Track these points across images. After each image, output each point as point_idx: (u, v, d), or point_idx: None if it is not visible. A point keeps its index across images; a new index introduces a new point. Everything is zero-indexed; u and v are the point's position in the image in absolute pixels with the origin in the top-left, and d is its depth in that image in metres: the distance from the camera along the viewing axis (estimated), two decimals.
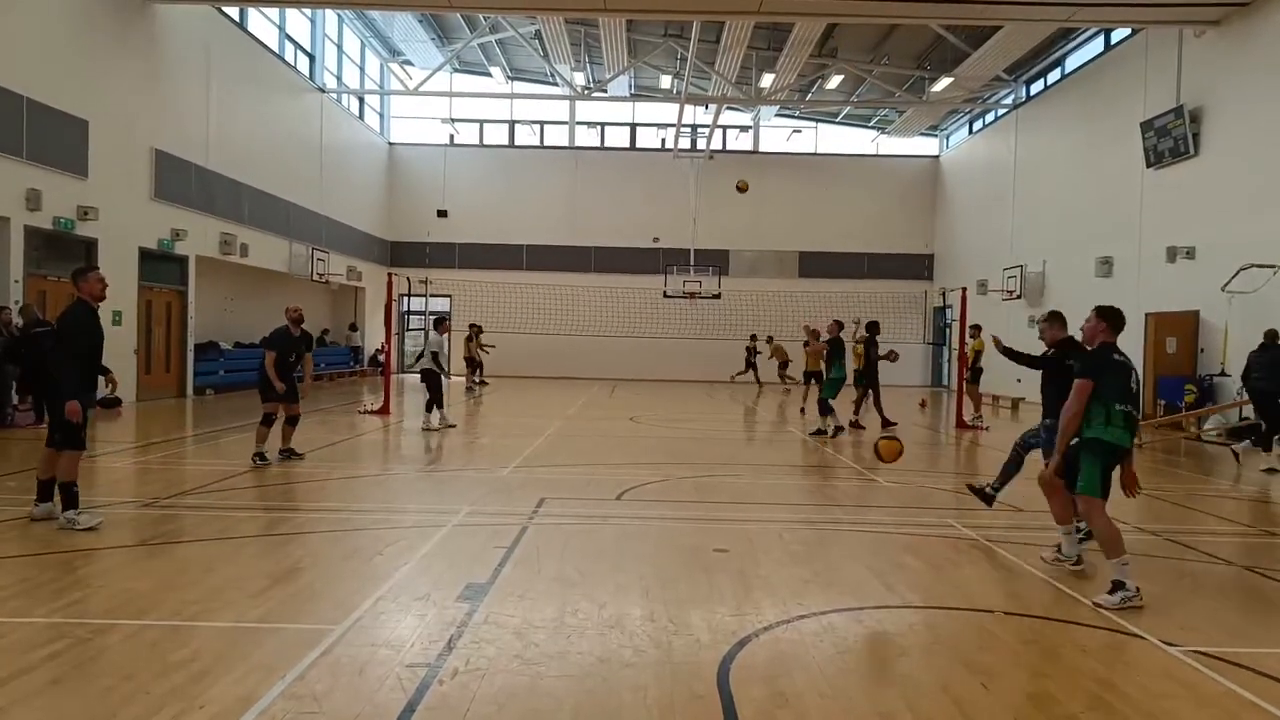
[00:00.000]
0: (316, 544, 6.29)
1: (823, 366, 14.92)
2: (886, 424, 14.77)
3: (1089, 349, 5.74)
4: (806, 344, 16.59)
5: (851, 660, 4.21)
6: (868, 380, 15.11)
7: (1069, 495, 5.75)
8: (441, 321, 14.31)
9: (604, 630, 4.52)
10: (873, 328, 15.18)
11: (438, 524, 6.85)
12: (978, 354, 16.49)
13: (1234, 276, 14.59)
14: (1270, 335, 11.99)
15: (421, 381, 13.96)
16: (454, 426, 13.84)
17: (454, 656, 4.07)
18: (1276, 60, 14.94)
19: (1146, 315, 18.08)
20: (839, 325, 14.67)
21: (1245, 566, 6.13)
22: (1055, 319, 6.96)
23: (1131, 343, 17.74)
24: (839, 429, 13.99)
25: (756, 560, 6.05)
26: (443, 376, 13.87)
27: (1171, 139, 17.42)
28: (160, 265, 17.36)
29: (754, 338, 27.57)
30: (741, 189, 17.42)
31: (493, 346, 24.75)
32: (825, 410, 13.97)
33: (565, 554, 6.08)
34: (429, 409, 13.66)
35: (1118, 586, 5.07)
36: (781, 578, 5.60)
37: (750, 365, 27.48)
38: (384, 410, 15.72)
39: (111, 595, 4.93)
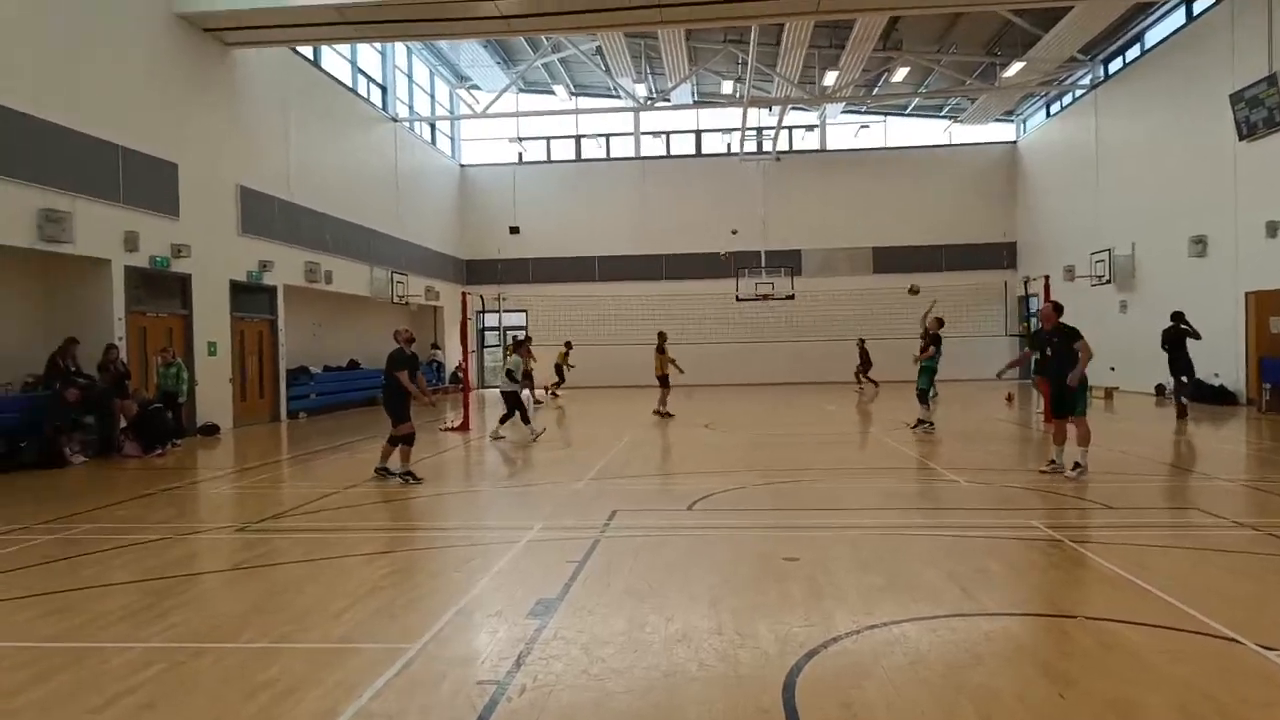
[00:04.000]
0: (397, 563, 6.49)
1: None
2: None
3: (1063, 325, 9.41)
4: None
5: (924, 671, 4.12)
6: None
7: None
8: (521, 344, 15.11)
9: (671, 644, 4.54)
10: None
11: (512, 540, 6.98)
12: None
13: None
14: None
15: (502, 398, 14.55)
16: (543, 431, 14.60)
17: (522, 673, 4.15)
18: None
19: (1246, 294, 17.21)
20: (939, 322, 14.80)
21: None
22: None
23: (1228, 323, 17.04)
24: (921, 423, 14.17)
25: (828, 568, 5.97)
26: (520, 392, 14.40)
27: (1265, 109, 16.51)
28: (250, 296, 18.19)
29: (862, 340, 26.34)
30: (914, 292, 17.55)
31: (573, 366, 25.18)
32: (923, 400, 14.41)
33: (634, 567, 6.13)
34: (502, 421, 14.53)
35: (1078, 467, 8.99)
36: (853, 585, 5.52)
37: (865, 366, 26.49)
38: (464, 426, 16.10)
39: (206, 619, 5.19)
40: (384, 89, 25.84)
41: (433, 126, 29.92)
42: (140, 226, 14.60)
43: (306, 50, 20.91)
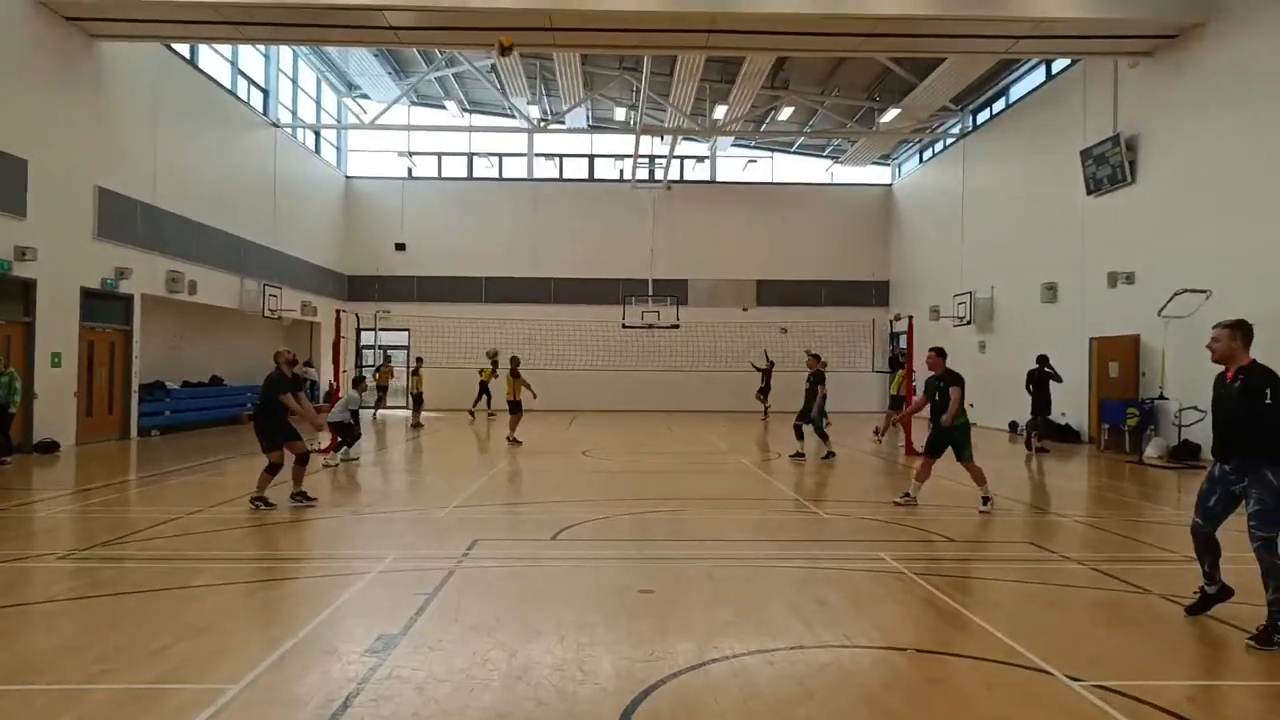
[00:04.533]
0: (232, 596, 6.16)
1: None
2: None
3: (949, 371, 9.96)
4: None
5: (756, 705, 4.18)
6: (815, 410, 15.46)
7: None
8: (360, 380, 15.44)
9: (510, 681, 4.45)
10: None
11: (363, 571, 6.74)
12: (901, 386, 18.39)
13: (1169, 301, 14.92)
14: None
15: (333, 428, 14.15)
16: (356, 460, 14.19)
17: (348, 716, 3.98)
18: (1205, 90, 15.43)
19: (1091, 340, 18.47)
20: (816, 359, 15.85)
21: (1162, 595, 6.19)
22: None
23: (1076, 367, 18.24)
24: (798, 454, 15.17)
25: (681, 600, 6.02)
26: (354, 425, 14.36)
27: (1110, 166, 17.87)
28: (104, 305, 17.06)
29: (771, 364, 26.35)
30: (504, 46, 16.02)
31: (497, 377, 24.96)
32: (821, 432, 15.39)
33: (487, 599, 6.01)
34: (338, 449, 14.02)
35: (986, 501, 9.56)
36: (702, 619, 5.57)
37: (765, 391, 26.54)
38: (330, 448, 15.47)
39: (7, 658, 4.76)
40: (265, 92, 24.91)
41: (317, 135, 29.02)
42: None
43: (183, 48, 19.95)
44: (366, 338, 28.11)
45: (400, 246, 30.79)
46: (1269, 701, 4.35)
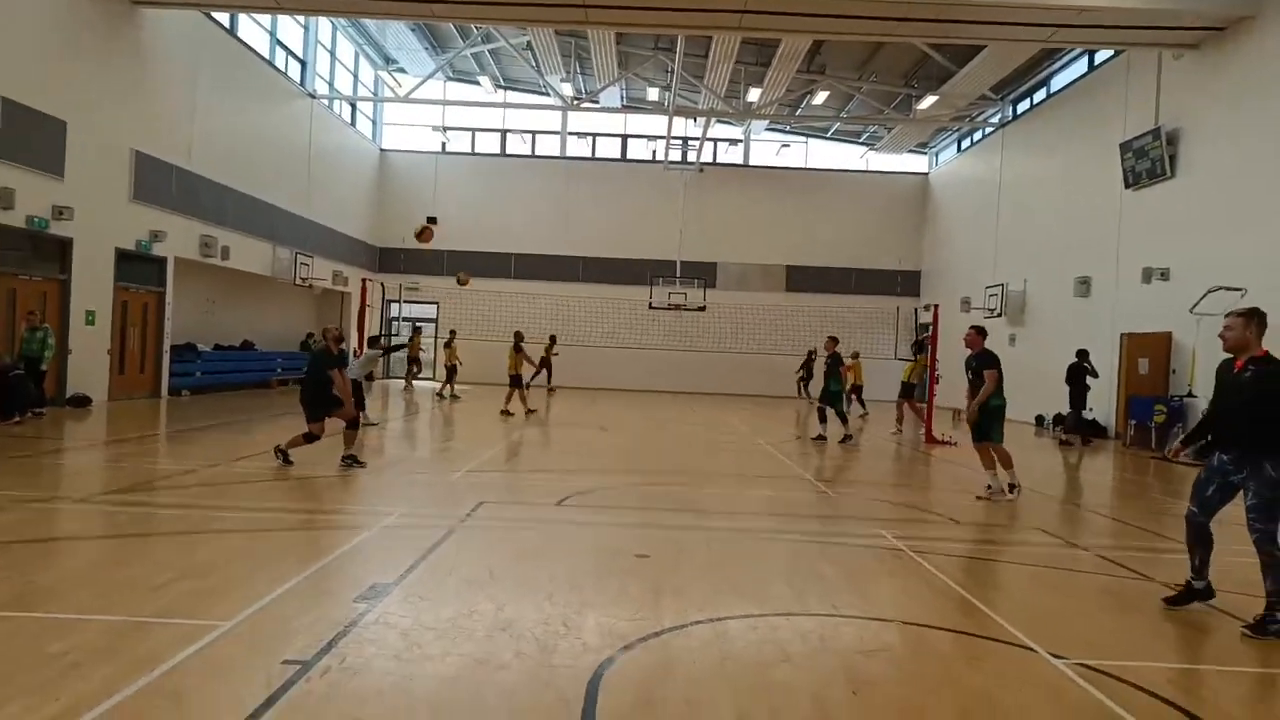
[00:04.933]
0: (240, 541, 6.30)
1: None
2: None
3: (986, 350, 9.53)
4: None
5: (733, 667, 4.21)
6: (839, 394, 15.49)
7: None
8: (376, 339, 15.72)
9: (493, 632, 4.52)
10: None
11: (367, 525, 6.86)
12: (921, 371, 17.97)
13: (1203, 298, 14.61)
14: None
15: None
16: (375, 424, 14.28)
17: (331, 655, 4.07)
18: (1250, 85, 15.01)
19: (1122, 335, 18.14)
20: (834, 341, 15.46)
21: (1164, 583, 6.11)
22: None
23: (1105, 362, 17.92)
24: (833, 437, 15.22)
25: (676, 566, 6.05)
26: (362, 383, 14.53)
27: (1149, 160, 17.47)
28: (138, 266, 17.42)
29: (812, 352, 26.45)
30: (462, 282, 17.91)
31: (557, 354, 25.63)
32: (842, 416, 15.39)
33: (483, 557, 6.09)
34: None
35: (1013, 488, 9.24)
36: (694, 584, 5.60)
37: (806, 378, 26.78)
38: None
39: (13, 587, 4.93)
40: (304, 64, 25.15)
41: (353, 107, 29.27)
42: (17, 184, 13.82)
43: (223, 17, 20.20)
44: (397, 310, 28.42)
45: (432, 220, 30.93)
46: (1250, 687, 4.29)
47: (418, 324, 28.59)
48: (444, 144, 31.99)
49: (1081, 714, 3.79)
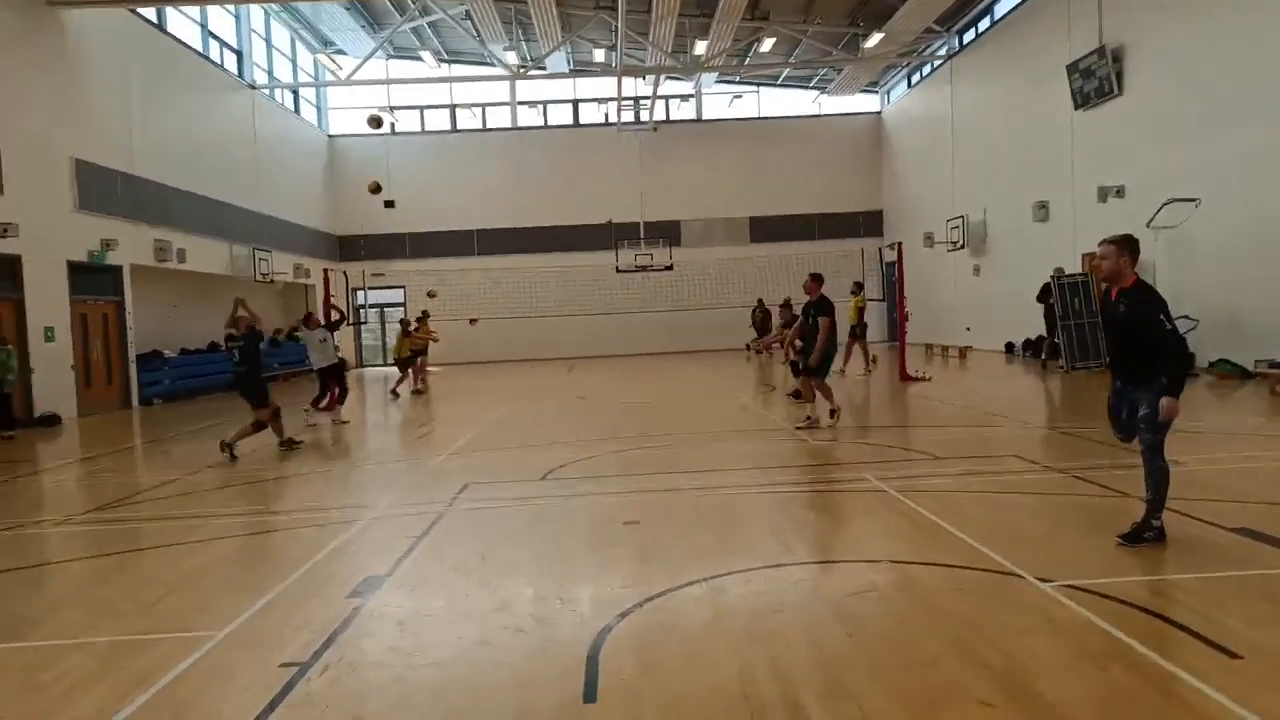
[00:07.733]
0: (226, 549, 6.26)
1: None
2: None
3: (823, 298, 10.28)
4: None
5: (727, 623, 4.27)
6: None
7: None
8: (336, 325, 15.51)
9: (489, 614, 4.55)
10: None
11: (352, 520, 6.84)
12: (860, 311, 18.22)
13: (1158, 212, 14.79)
14: None
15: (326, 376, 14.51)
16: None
17: (330, 653, 4.08)
18: None
19: (1083, 256, 18.33)
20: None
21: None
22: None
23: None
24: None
25: (665, 529, 6.10)
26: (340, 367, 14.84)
27: (1096, 79, 17.55)
28: (93, 277, 17.02)
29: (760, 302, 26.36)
30: (375, 190, 16.85)
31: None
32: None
33: (474, 539, 6.11)
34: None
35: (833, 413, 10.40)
36: (682, 546, 5.66)
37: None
38: (329, 406, 15.57)
39: (1, 617, 4.88)
40: (239, 54, 24.49)
41: (295, 94, 28.60)
42: None
43: (149, 12, 19.55)
44: (363, 297, 28.03)
45: (389, 204, 30.35)
46: (1232, 589, 4.41)
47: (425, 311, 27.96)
48: (392, 124, 31.36)
49: (1071, 634, 3.89)
